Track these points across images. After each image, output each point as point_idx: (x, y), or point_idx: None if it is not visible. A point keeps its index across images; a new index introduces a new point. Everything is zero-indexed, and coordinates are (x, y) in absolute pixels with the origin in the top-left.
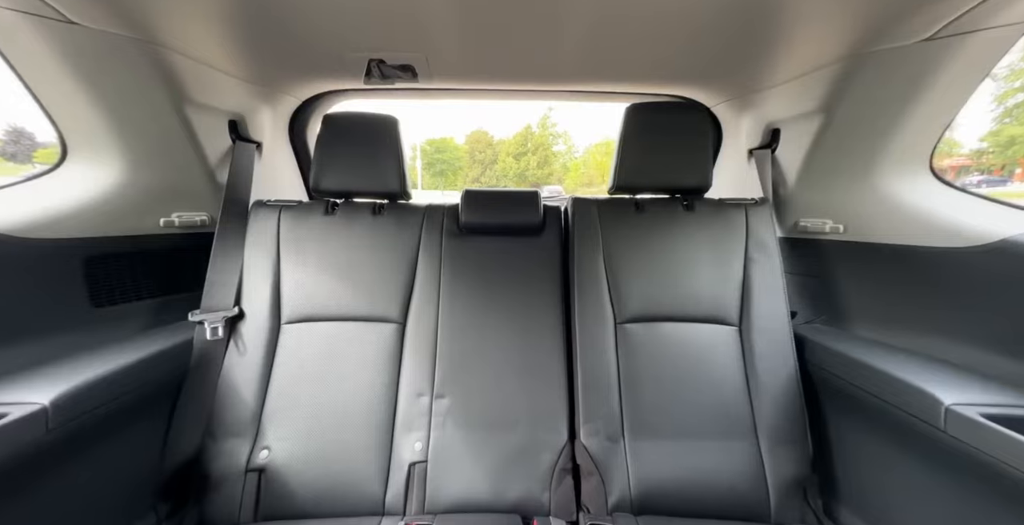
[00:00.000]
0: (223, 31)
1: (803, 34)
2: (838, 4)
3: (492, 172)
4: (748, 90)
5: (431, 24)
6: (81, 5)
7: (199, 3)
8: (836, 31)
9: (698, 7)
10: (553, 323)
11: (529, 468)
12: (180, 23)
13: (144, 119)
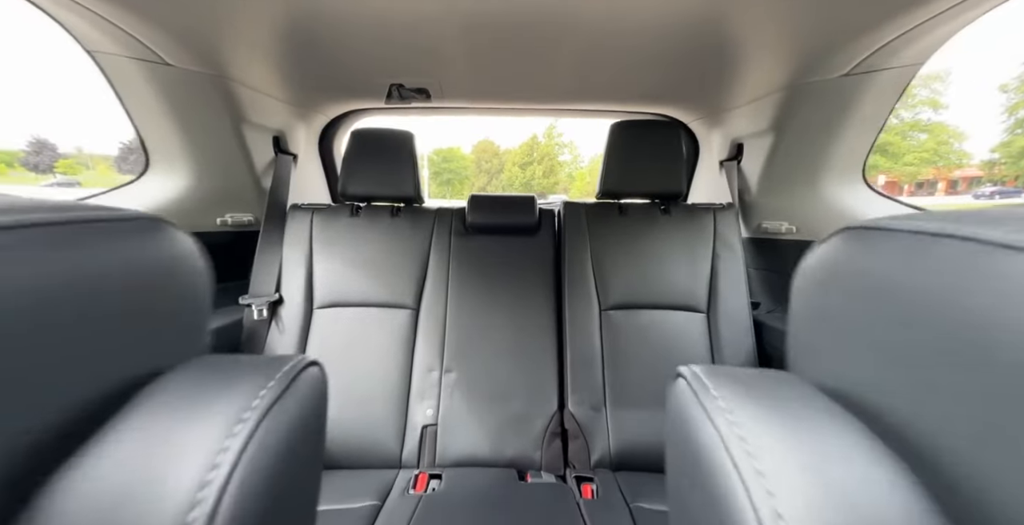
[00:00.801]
0: (274, 64)
1: (753, 66)
2: (776, 42)
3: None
4: (716, 110)
5: (443, 55)
6: (175, 50)
7: (259, 44)
8: (777, 65)
9: (669, 41)
10: (546, 309)
11: (524, 431)
12: (243, 60)
13: (209, 137)
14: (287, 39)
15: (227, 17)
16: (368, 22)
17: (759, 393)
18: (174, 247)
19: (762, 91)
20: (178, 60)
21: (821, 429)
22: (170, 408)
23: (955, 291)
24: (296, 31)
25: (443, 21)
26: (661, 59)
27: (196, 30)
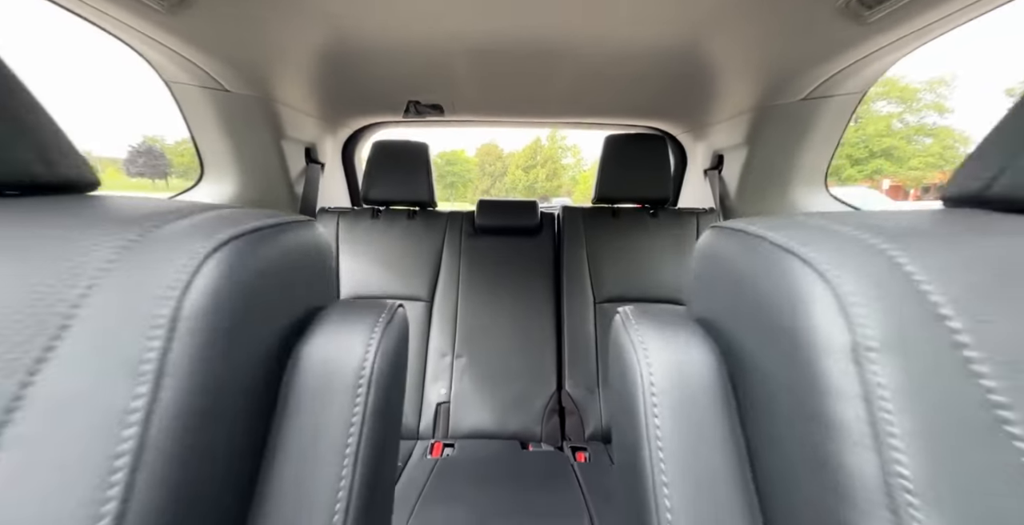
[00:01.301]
0: (310, 86)
1: (728, 89)
2: (745, 70)
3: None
4: (700, 124)
5: (455, 77)
6: (233, 78)
7: (299, 69)
8: (747, 89)
9: (653, 67)
10: (546, 302)
11: (526, 408)
12: (286, 83)
13: (254, 151)
14: (322, 64)
15: (275, 49)
16: (390, 48)
17: (660, 321)
18: (321, 237)
19: (736, 110)
20: (234, 86)
21: (686, 339)
22: (337, 323)
23: (754, 277)
24: (329, 57)
25: (455, 48)
26: (648, 80)
27: (250, 61)
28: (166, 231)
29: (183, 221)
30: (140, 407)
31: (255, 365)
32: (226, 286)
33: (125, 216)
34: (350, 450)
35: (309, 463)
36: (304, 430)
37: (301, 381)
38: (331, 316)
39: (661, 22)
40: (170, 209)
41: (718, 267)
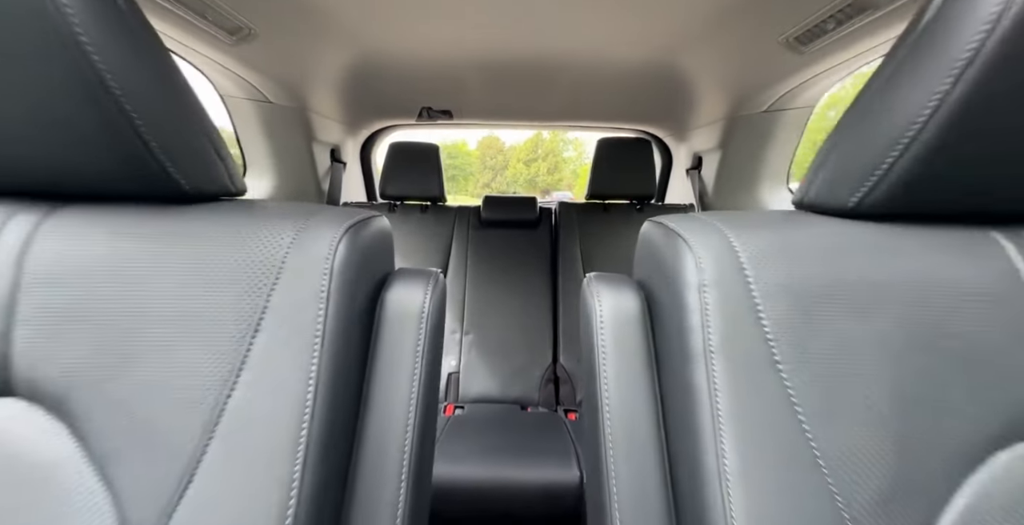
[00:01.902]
0: (337, 96)
1: (703, 100)
2: (716, 85)
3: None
4: (682, 129)
5: (463, 86)
6: (276, 92)
7: (329, 82)
8: (719, 101)
9: (639, 79)
10: (543, 286)
11: (525, 378)
12: (318, 94)
13: (290, 152)
14: (349, 78)
15: (312, 68)
16: (408, 64)
17: (610, 281)
18: (388, 225)
19: (711, 118)
20: (277, 99)
21: (624, 291)
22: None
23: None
24: (355, 72)
25: (463, 62)
26: (635, 91)
27: (292, 78)
28: (313, 222)
29: (320, 216)
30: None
31: (363, 305)
32: (352, 254)
33: (286, 213)
34: (417, 373)
35: (391, 386)
36: (389, 356)
37: (386, 317)
38: (400, 277)
39: (643, 44)
40: (308, 209)
41: (647, 246)
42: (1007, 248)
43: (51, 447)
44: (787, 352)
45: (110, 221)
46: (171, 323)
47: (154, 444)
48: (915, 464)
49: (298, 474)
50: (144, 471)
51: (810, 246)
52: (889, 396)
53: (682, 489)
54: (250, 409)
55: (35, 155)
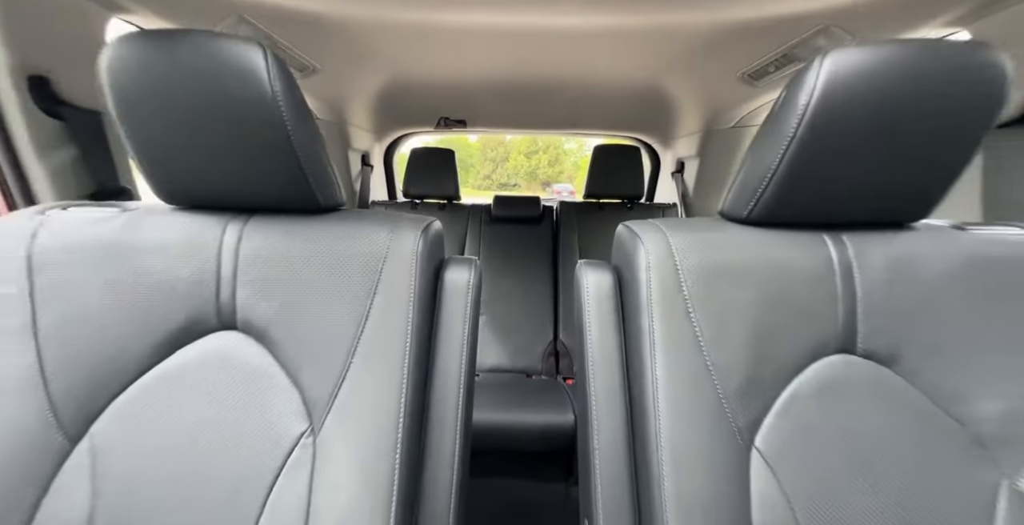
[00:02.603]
0: (369, 110)
1: (683, 115)
2: (693, 103)
3: (503, 170)
4: (667, 138)
5: (476, 100)
6: (324, 110)
7: (364, 99)
8: (696, 116)
9: (630, 97)
10: (546, 274)
11: (530, 352)
12: (355, 110)
13: (331, 160)
14: (380, 96)
15: (352, 89)
16: (429, 82)
17: (594, 266)
18: (440, 228)
19: (691, 130)
20: (323, 115)
21: (603, 272)
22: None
23: (625, 245)
24: (386, 90)
25: (477, 81)
26: (626, 105)
27: (337, 99)
28: (400, 225)
29: (403, 221)
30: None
31: (431, 280)
32: (426, 246)
33: (380, 220)
34: (466, 324)
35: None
36: (448, 313)
37: (445, 288)
38: (452, 262)
39: (632, 69)
40: (391, 216)
41: (619, 242)
42: (827, 244)
43: (259, 359)
44: (695, 305)
45: (281, 225)
46: (322, 288)
47: (318, 359)
48: (763, 369)
49: (405, 382)
50: (314, 373)
51: (714, 242)
52: (752, 331)
53: (633, 396)
54: (372, 343)
55: (243, 186)
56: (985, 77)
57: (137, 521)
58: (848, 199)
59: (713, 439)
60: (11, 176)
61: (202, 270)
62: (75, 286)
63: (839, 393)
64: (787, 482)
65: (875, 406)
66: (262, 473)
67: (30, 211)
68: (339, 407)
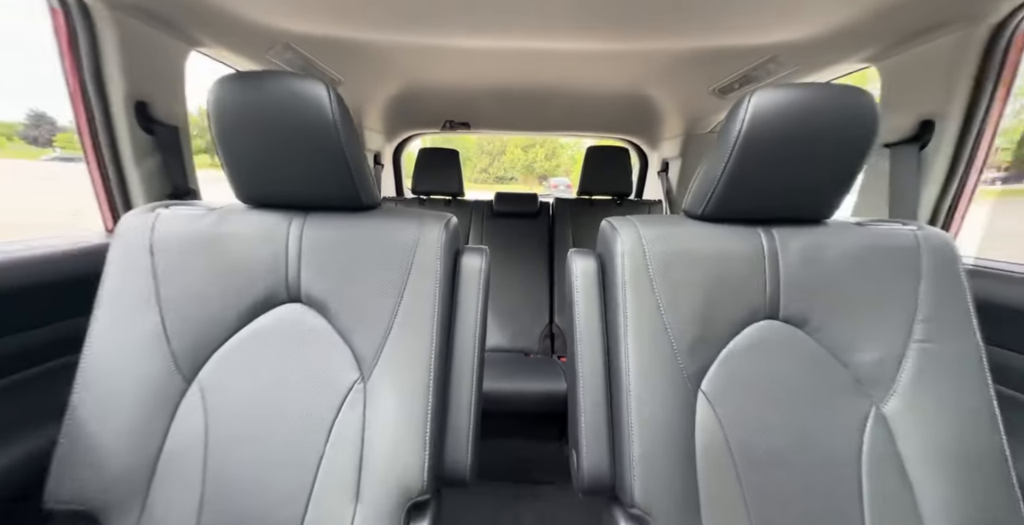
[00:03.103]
0: (384, 115)
1: (667, 120)
2: (675, 111)
3: (500, 163)
4: (653, 140)
5: (478, 104)
6: None
7: (380, 105)
8: (677, 121)
9: (620, 103)
10: (542, 263)
11: (528, 334)
12: (371, 115)
13: None
14: (393, 101)
15: (370, 97)
16: (437, 89)
17: (581, 254)
18: (456, 222)
19: (674, 134)
20: None
21: (589, 260)
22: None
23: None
24: (398, 97)
25: (481, 88)
26: (616, 110)
27: (357, 105)
28: (426, 220)
29: (428, 217)
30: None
31: (451, 265)
32: (448, 236)
33: (410, 216)
34: (479, 301)
35: (467, 309)
36: (464, 293)
37: (462, 272)
38: (468, 251)
39: (620, 80)
40: (418, 213)
41: (602, 234)
42: (760, 236)
43: (319, 324)
44: (658, 283)
45: (333, 220)
46: (367, 269)
47: (366, 324)
48: (708, 331)
49: (434, 342)
50: (363, 335)
51: (674, 234)
52: (700, 302)
53: (609, 349)
54: (408, 312)
55: (304, 190)
56: (863, 113)
57: (236, 440)
58: (775, 202)
59: (668, 383)
60: (115, 180)
61: (274, 256)
62: (183, 267)
63: (765, 349)
64: (722, 414)
65: (790, 358)
66: (325, 410)
67: (145, 208)
68: (383, 361)
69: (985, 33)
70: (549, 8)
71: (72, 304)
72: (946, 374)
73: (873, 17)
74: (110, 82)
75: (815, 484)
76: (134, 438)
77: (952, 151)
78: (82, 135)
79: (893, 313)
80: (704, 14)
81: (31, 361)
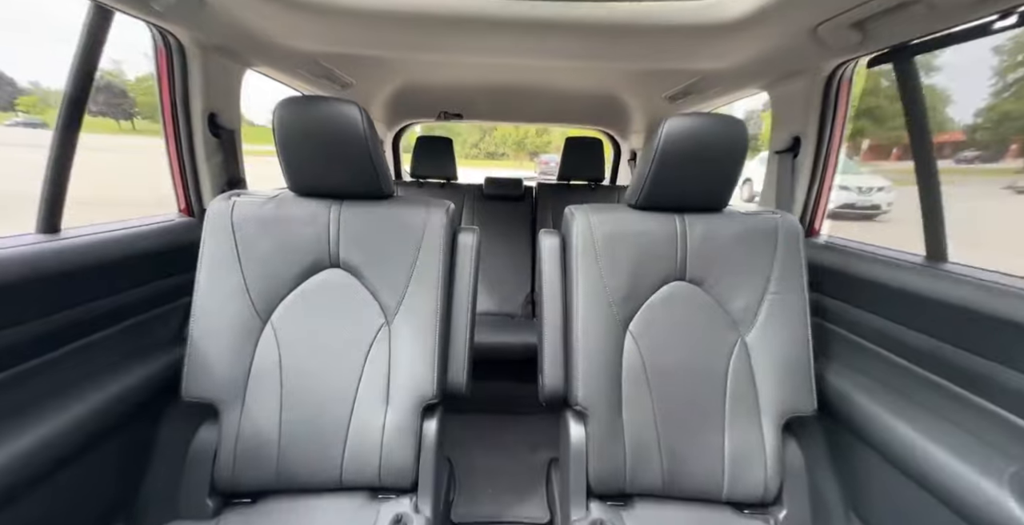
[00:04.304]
0: (386, 107)
1: (632, 116)
2: (641, 106)
3: (491, 138)
4: (625, 132)
5: (471, 98)
6: None
7: (383, 100)
8: (641, 118)
9: (595, 100)
10: (526, 240)
11: (512, 300)
12: (374, 108)
13: None
14: (394, 96)
15: (376, 93)
16: (434, 85)
17: (549, 233)
18: (454, 208)
19: (639, 129)
20: None
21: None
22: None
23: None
24: (399, 92)
25: (472, 84)
26: (592, 105)
27: (364, 101)
28: (431, 206)
29: (434, 203)
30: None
31: (450, 241)
32: (449, 218)
33: (418, 202)
34: (472, 270)
35: (462, 277)
36: (461, 264)
37: (459, 247)
38: (463, 230)
39: (592, 84)
40: (424, 200)
41: (565, 217)
42: (675, 220)
43: (353, 284)
44: (602, 254)
45: (363, 206)
46: (389, 243)
47: (389, 285)
48: (635, 288)
49: (440, 299)
50: (387, 293)
51: (616, 219)
52: (630, 268)
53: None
54: (420, 276)
55: (339, 182)
56: (737, 136)
57: (300, 362)
58: (684, 196)
59: (605, 324)
60: (190, 173)
61: (318, 232)
62: (255, 240)
63: (673, 301)
64: (641, 345)
65: (690, 307)
66: (362, 343)
67: (223, 196)
68: (403, 311)
69: (823, 79)
70: (530, 36)
71: (174, 264)
72: (784, 314)
73: (763, 60)
74: (193, 100)
75: (697, 388)
76: (232, 357)
77: (812, 160)
78: (168, 140)
79: (757, 274)
80: (657, 49)
81: (154, 304)
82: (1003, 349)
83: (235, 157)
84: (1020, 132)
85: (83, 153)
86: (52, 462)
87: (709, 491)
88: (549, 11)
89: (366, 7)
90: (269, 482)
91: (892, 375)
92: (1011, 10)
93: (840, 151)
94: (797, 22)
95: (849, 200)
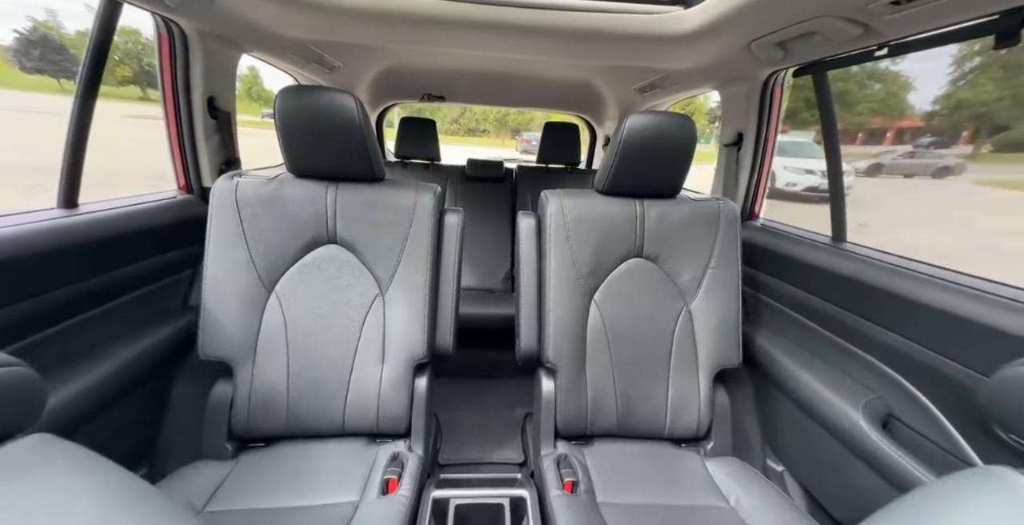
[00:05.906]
0: (371, 88)
1: (608, 104)
2: (614, 97)
3: (472, 114)
4: (600, 119)
5: (454, 81)
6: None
7: (369, 82)
8: (615, 106)
9: (572, 87)
10: (506, 219)
11: (494, 276)
12: (360, 89)
13: None
14: (379, 77)
15: (361, 75)
16: (419, 68)
17: (527, 214)
18: (441, 192)
19: (614, 116)
20: None
21: (531, 218)
22: (450, 212)
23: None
24: (384, 74)
25: (455, 68)
26: (569, 92)
27: (348, 84)
28: (420, 189)
29: (422, 187)
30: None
31: (438, 220)
32: (436, 200)
33: (408, 186)
34: (456, 247)
35: (448, 252)
36: (447, 241)
37: (446, 226)
38: (449, 211)
39: (570, 73)
40: (414, 185)
41: (541, 199)
42: (635, 205)
43: (350, 259)
44: (572, 234)
45: (357, 187)
46: (382, 222)
47: (382, 259)
48: (599, 263)
49: (428, 271)
50: (381, 267)
51: (584, 203)
52: (595, 246)
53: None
54: (411, 251)
55: (336, 165)
56: (687, 131)
57: (304, 327)
58: (643, 184)
59: (572, 294)
60: (190, 153)
61: (317, 211)
62: (258, 217)
63: (632, 275)
64: (604, 312)
65: (646, 280)
66: (359, 311)
67: (227, 176)
68: (395, 283)
69: (760, 84)
70: (507, 36)
71: (178, 238)
72: (720, 286)
73: (712, 66)
74: (194, 85)
75: (649, 347)
76: (242, 322)
77: (752, 154)
78: (169, 122)
79: (701, 252)
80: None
81: (160, 275)
82: (873, 309)
83: (231, 137)
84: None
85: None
86: (96, 406)
87: (654, 430)
88: (523, 17)
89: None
90: (280, 428)
91: (802, 334)
92: (885, 43)
93: (775, 147)
94: (735, 39)
95: (812, 183)
